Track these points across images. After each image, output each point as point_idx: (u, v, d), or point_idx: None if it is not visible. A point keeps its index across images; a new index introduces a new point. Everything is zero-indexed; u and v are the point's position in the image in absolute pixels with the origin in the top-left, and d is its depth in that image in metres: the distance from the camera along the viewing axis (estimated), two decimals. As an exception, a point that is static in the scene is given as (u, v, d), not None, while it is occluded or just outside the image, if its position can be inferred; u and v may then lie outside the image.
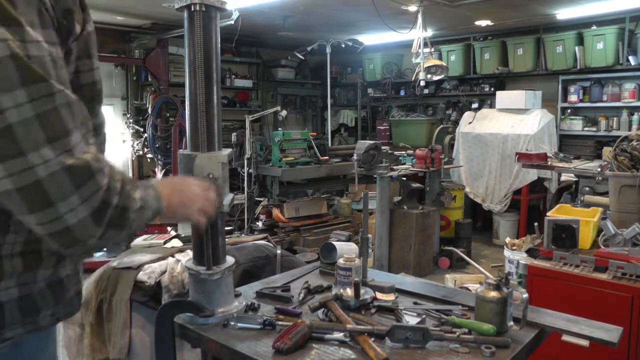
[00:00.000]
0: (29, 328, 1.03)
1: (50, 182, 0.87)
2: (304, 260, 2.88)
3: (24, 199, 0.87)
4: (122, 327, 2.32)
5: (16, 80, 0.83)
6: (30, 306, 1.02)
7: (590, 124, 6.60)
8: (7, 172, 0.84)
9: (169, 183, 1.30)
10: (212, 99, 1.52)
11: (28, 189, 0.86)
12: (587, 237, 2.59)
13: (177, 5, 1.51)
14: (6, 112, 0.82)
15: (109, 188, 0.95)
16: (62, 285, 1.09)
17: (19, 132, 0.83)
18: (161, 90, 7.18)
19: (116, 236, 1.00)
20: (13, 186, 0.85)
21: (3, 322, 0.99)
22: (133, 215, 1.01)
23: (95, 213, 0.93)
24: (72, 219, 0.90)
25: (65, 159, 0.88)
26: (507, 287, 1.49)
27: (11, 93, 0.82)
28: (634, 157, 2.80)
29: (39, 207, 0.88)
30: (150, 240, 3.04)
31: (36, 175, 0.85)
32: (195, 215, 1.27)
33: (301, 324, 1.43)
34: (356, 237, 2.24)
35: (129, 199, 1.00)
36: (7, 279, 0.98)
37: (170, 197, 1.18)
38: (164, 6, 5.52)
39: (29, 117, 0.84)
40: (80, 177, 0.90)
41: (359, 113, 9.14)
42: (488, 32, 7.40)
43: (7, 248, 0.97)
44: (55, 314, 1.08)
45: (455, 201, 6.22)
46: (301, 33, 7.51)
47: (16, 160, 0.84)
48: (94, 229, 0.94)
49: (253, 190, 5.85)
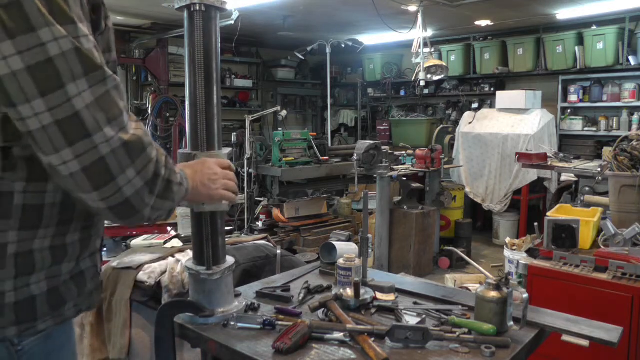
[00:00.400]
0: (58, 320, 1.08)
1: (111, 158, 0.95)
2: (304, 260, 2.88)
3: (89, 177, 0.94)
4: (122, 327, 2.32)
5: (79, 70, 0.91)
6: (58, 298, 1.07)
7: (590, 124, 6.60)
8: (75, 154, 0.92)
9: (189, 165, 1.33)
10: (212, 99, 1.51)
11: (93, 167, 0.93)
12: (587, 237, 2.59)
13: (177, 5, 1.50)
14: (73, 99, 0.90)
15: (158, 161, 1.04)
16: (84, 277, 1.13)
17: (85, 116, 0.91)
18: (161, 90, 7.18)
19: (163, 207, 1.08)
20: (80, 167, 0.92)
21: (36, 314, 1.03)
22: (176, 188, 1.11)
23: (148, 183, 1.02)
24: (130, 191, 0.98)
25: (123, 135, 0.96)
26: (507, 287, 1.49)
27: (75, 82, 0.90)
28: (634, 157, 2.80)
29: (103, 183, 0.95)
30: (150, 240, 3.05)
31: (100, 153, 0.93)
32: (219, 193, 1.34)
33: (301, 324, 1.43)
34: (356, 237, 2.24)
35: (172, 173, 1.10)
36: (38, 272, 1.02)
37: (194, 177, 1.26)
38: (164, 6, 5.53)
39: (91, 101, 0.92)
40: (135, 151, 0.98)
41: (359, 113, 9.14)
42: (488, 32, 7.40)
43: (39, 242, 1.01)
44: (78, 305, 1.13)
45: (455, 201, 6.22)
46: (301, 33, 7.51)
47: (83, 142, 0.92)
48: (149, 197, 1.03)
49: (253, 190, 5.85)
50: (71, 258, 1.08)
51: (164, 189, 1.06)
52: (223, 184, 1.36)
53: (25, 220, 0.99)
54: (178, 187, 1.12)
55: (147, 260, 2.44)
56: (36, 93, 0.87)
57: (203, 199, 1.36)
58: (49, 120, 0.89)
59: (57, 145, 0.90)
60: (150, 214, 1.06)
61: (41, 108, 0.88)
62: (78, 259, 1.10)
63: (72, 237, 1.07)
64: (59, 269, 1.06)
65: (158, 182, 1.04)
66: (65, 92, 0.89)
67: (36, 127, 0.89)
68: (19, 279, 1.00)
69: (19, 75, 0.86)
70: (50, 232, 1.03)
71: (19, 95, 0.88)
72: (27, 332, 1.02)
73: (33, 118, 0.89)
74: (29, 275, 1.01)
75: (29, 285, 1.01)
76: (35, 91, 0.87)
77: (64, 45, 0.89)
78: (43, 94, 0.88)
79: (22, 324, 1.01)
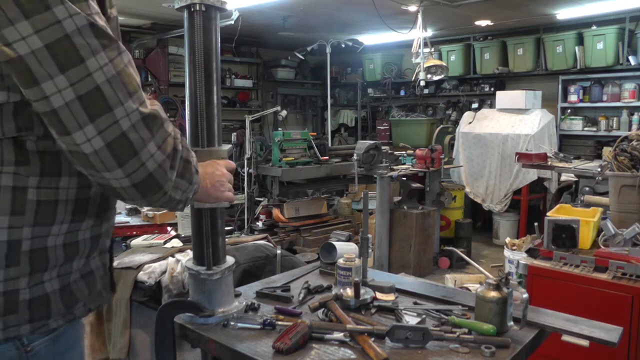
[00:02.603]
0: (69, 318, 1.08)
1: (133, 133, 0.95)
2: (304, 260, 2.88)
3: (113, 154, 0.94)
4: (122, 327, 2.32)
5: (96, 45, 0.91)
6: (70, 296, 1.07)
7: (590, 124, 6.60)
8: (98, 130, 0.91)
9: (202, 165, 1.30)
10: (212, 99, 1.51)
11: (116, 142, 0.93)
12: (587, 237, 2.59)
13: (177, 5, 1.50)
14: (93, 74, 0.91)
15: (175, 137, 1.05)
16: (94, 276, 1.14)
17: (106, 90, 0.92)
18: (161, 90, 7.18)
19: (183, 187, 1.09)
20: (103, 143, 0.92)
21: (49, 312, 1.03)
22: (193, 169, 1.11)
23: (169, 156, 1.02)
24: (153, 165, 0.98)
25: (143, 109, 0.97)
26: (507, 287, 1.49)
27: (95, 56, 0.91)
28: (634, 157, 2.80)
29: (126, 159, 0.95)
30: (150, 240, 3.04)
31: (121, 128, 0.93)
32: (225, 195, 1.35)
33: (301, 324, 1.43)
34: (356, 237, 2.24)
35: (189, 153, 1.10)
36: (51, 269, 1.03)
37: (204, 177, 1.26)
38: (164, 6, 5.53)
39: (111, 75, 0.93)
40: (154, 125, 0.98)
41: (359, 113, 9.15)
42: (488, 32, 7.40)
43: (52, 239, 1.02)
44: (87, 304, 1.13)
45: (455, 201, 6.22)
46: (301, 33, 7.51)
47: (105, 116, 0.92)
48: (171, 172, 1.03)
49: (253, 190, 5.85)
50: (82, 255, 1.09)
51: (183, 167, 1.07)
52: (229, 187, 1.37)
53: (39, 216, 0.99)
54: (195, 172, 1.13)
55: (147, 260, 2.44)
56: (57, 70, 0.88)
57: (211, 200, 1.36)
58: (72, 96, 0.89)
59: (80, 122, 0.90)
60: (173, 193, 1.06)
61: (63, 84, 0.89)
62: (88, 257, 1.11)
63: (83, 235, 1.08)
64: (70, 267, 1.07)
65: (177, 157, 1.05)
66: (85, 66, 0.90)
67: (60, 104, 0.89)
68: (33, 275, 1.00)
69: (39, 54, 0.87)
70: (63, 229, 1.03)
71: (42, 73, 0.88)
72: (39, 330, 1.02)
73: (56, 95, 0.89)
74: (43, 272, 1.01)
75: (42, 283, 1.02)
76: (56, 68, 0.88)
77: (79, 22, 0.89)
78: (63, 70, 0.89)
79: (35, 322, 1.01)
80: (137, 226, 4.82)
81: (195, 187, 1.15)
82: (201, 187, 1.21)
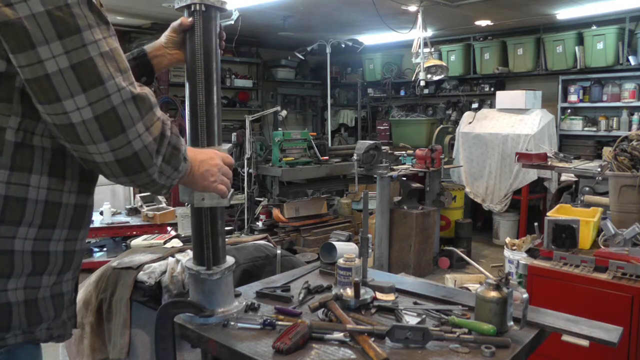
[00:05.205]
0: (29, 338, 1.03)
1: (122, 109, 0.97)
2: (304, 260, 2.88)
3: (100, 126, 0.95)
4: (122, 327, 2.32)
5: (92, 19, 0.96)
6: (34, 313, 1.02)
7: (590, 124, 6.60)
8: (89, 101, 0.93)
9: (196, 152, 1.29)
10: (212, 99, 1.51)
11: (105, 116, 0.95)
12: (587, 237, 2.59)
13: (177, 5, 1.51)
14: (88, 46, 0.94)
15: (164, 122, 1.06)
16: (62, 300, 1.09)
17: (99, 62, 0.95)
18: (161, 90, 7.18)
19: (167, 173, 1.09)
20: (92, 114, 0.94)
21: (10, 323, 0.98)
22: (181, 156, 1.12)
23: (155, 140, 1.03)
24: (139, 145, 0.99)
25: (133, 89, 0.99)
26: (507, 287, 1.49)
27: (90, 30, 0.95)
28: (634, 157, 2.80)
29: (113, 134, 0.96)
30: (150, 240, 3.05)
31: (112, 102, 0.95)
32: (214, 186, 1.32)
33: (301, 324, 1.43)
34: (356, 237, 2.24)
35: (178, 140, 1.11)
36: (17, 277, 0.98)
37: (195, 164, 1.24)
38: (164, 6, 5.53)
39: (104, 50, 0.96)
40: (144, 106, 1.00)
41: (359, 113, 9.14)
42: (488, 32, 7.40)
43: (19, 243, 0.97)
44: (51, 329, 1.08)
45: (455, 201, 6.22)
46: (301, 33, 7.51)
47: (97, 88, 0.94)
48: (156, 156, 1.04)
49: (253, 190, 5.85)
50: (53, 271, 1.04)
51: (170, 154, 1.07)
52: (221, 179, 1.32)
53: (6, 212, 0.95)
54: (184, 160, 1.13)
55: (147, 260, 2.44)
56: (55, 35, 0.91)
57: (197, 188, 1.32)
58: (66, 64, 0.92)
59: (72, 90, 0.92)
60: (157, 177, 1.06)
61: (59, 50, 0.91)
62: (59, 273, 1.06)
63: (55, 246, 1.03)
64: (39, 280, 1.02)
65: (165, 143, 1.05)
66: (81, 37, 0.93)
67: (54, 69, 0.91)
68: None
69: (39, 18, 0.90)
70: (32, 233, 0.98)
71: (39, 37, 0.90)
72: None
73: (51, 60, 0.91)
74: (7, 278, 0.96)
75: (6, 291, 0.97)
76: (54, 33, 0.91)
77: None
78: (61, 36, 0.91)
79: None
80: (137, 226, 4.82)
81: (182, 175, 1.15)
82: (188, 173, 1.19)
